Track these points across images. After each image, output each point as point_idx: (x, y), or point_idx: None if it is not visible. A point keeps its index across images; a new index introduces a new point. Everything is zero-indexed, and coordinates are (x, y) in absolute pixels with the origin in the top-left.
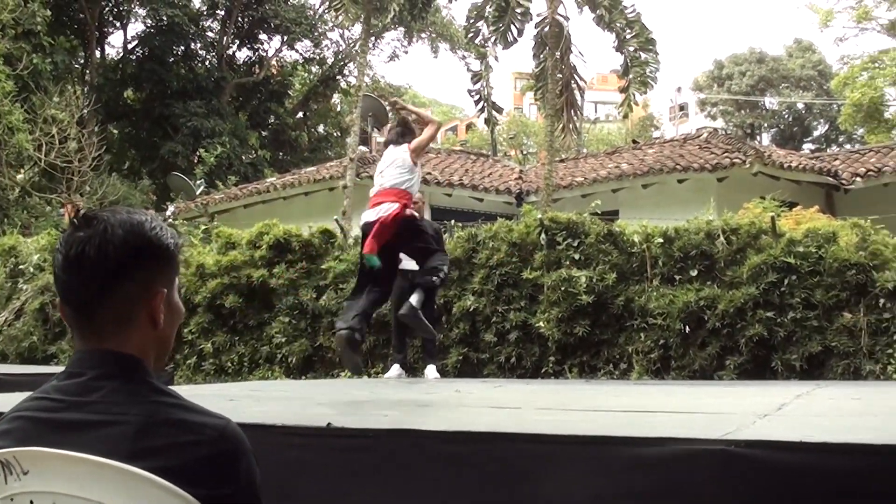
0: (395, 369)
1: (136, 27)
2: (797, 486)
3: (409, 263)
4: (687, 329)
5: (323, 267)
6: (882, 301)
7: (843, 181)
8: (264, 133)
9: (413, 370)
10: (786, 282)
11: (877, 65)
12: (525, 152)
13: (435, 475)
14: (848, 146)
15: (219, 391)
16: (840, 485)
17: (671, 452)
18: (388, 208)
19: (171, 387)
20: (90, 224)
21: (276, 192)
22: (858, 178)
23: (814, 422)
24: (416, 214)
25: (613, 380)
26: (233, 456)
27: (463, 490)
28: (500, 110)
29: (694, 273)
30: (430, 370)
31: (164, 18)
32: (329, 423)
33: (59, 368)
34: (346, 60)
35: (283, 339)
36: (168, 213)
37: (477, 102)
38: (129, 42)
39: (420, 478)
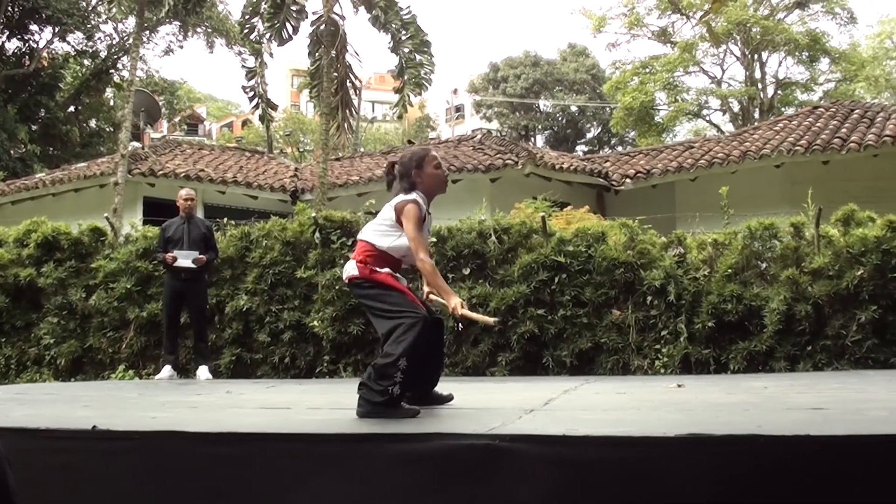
0: (167, 370)
1: None
2: (560, 478)
3: (184, 262)
4: (459, 327)
5: (93, 266)
6: (649, 298)
7: (614, 182)
8: (34, 127)
9: (185, 371)
10: (556, 280)
11: (647, 70)
12: (302, 150)
13: (203, 476)
14: (620, 148)
15: None
16: (601, 476)
17: (437, 448)
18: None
19: None
20: None
21: (45, 189)
22: (628, 180)
23: (578, 416)
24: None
25: None
26: None
27: (231, 490)
28: (275, 107)
29: (466, 272)
30: (203, 371)
31: None
32: (94, 426)
33: None
34: (120, 54)
35: (52, 340)
36: None
37: (251, 99)
38: None
39: (188, 479)
